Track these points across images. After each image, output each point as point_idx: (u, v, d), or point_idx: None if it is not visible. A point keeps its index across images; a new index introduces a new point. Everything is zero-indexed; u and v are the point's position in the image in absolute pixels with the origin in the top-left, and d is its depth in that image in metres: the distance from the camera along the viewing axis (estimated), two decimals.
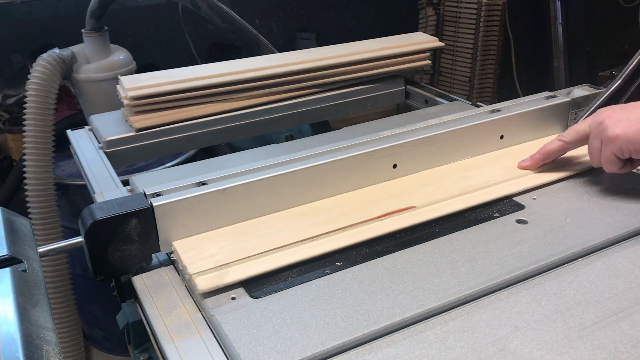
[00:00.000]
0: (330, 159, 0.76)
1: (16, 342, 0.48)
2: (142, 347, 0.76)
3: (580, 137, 0.78)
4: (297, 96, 1.13)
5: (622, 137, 0.70)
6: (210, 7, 1.45)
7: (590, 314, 0.57)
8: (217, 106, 1.06)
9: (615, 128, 0.71)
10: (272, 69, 1.08)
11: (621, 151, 0.72)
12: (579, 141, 0.79)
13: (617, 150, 0.72)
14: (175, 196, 0.67)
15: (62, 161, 1.63)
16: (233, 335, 0.55)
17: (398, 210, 0.73)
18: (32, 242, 0.64)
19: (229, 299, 0.60)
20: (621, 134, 0.71)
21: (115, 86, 1.07)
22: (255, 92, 1.08)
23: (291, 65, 1.10)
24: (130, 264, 0.66)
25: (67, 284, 1.55)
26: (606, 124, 0.73)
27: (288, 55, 1.16)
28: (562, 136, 0.80)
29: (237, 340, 0.54)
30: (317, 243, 0.68)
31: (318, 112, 1.16)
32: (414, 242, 0.69)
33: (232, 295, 0.61)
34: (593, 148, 0.76)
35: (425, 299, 0.58)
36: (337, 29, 2.58)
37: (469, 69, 2.38)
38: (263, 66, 1.09)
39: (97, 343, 1.89)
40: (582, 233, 0.68)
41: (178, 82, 1.02)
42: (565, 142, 0.80)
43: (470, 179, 0.81)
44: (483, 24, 2.30)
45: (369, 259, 0.66)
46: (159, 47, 2.19)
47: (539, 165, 0.82)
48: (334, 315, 0.57)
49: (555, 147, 0.81)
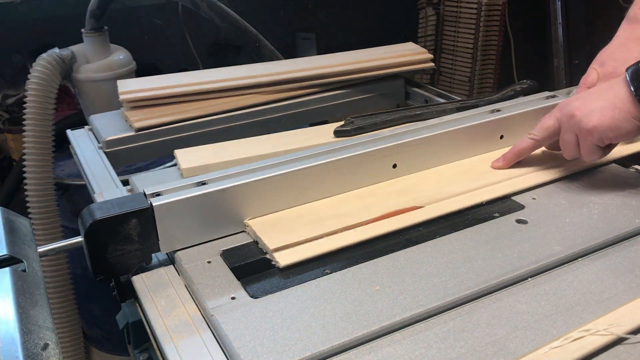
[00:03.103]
0: (330, 158, 0.76)
1: (16, 342, 0.48)
2: (142, 347, 0.76)
3: (551, 134, 0.78)
4: (297, 96, 1.13)
5: (600, 127, 0.71)
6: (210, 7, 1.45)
7: (590, 314, 0.56)
8: (216, 106, 1.06)
9: (590, 120, 0.71)
10: (268, 77, 1.09)
11: (601, 140, 0.72)
12: (549, 137, 0.79)
13: (597, 140, 0.72)
14: (175, 196, 0.67)
15: (62, 161, 1.63)
16: (233, 335, 0.55)
17: (399, 211, 0.73)
18: (32, 242, 0.64)
19: (228, 298, 0.60)
20: (597, 124, 0.71)
21: (115, 86, 1.07)
22: (253, 92, 1.08)
23: (287, 74, 1.11)
24: (130, 264, 0.66)
25: (67, 283, 1.55)
26: (578, 116, 0.73)
27: (285, 64, 1.17)
28: (532, 134, 0.81)
29: (237, 340, 0.54)
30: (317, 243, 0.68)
31: (317, 112, 1.16)
32: (414, 242, 0.69)
33: (232, 295, 0.61)
34: (567, 142, 0.76)
35: (425, 299, 0.58)
36: (337, 29, 2.58)
37: (469, 68, 2.38)
38: (260, 74, 1.10)
39: (97, 343, 1.89)
40: (582, 233, 0.68)
41: (171, 87, 1.02)
42: (536, 139, 0.80)
43: (471, 178, 0.81)
44: (483, 24, 2.30)
45: (369, 259, 0.66)
46: (159, 47, 2.19)
47: (511, 164, 0.83)
48: (334, 315, 0.57)
49: (527, 145, 0.82)
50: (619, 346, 0.53)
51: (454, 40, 2.40)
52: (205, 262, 0.67)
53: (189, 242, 0.70)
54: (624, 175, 0.82)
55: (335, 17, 2.57)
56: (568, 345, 0.52)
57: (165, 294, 0.64)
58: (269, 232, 0.70)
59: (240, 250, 0.70)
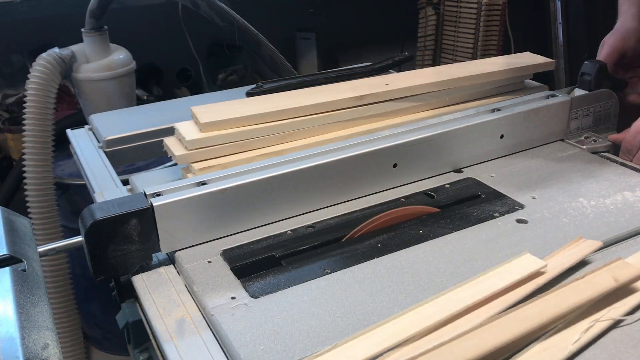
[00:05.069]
0: (330, 158, 0.76)
1: (16, 342, 0.48)
2: (141, 347, 0.77)
3: None
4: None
5: None
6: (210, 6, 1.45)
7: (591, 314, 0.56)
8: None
9: None
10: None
11: None
12: None
13: None
14: (175, 196, 0.67)
15: (62, 161, 1.63)
16: (233, 335, 0.55)
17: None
18: (32, 242, 0.64)
19: (229, 298, 0.60)
20: None
21: (115, 86, 1.06)
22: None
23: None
24: (130, 264, 0.66)
25: (67, 283, 1.55)
26: None
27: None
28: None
29: (237, 340, 0.54)
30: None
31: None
32: (414, 242, 0.69)
33: (232, 295, 0.61)
34: None
35: (425, 299, 0.58)
36: (337, 29, 2.58)
37: None
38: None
39: (96, 343, 1.89)
40: (582, 233, 0.68)
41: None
42: None
43: None
44: (483, 24, 2.30)
45: (369, 259, 0.66)
46: (159, 47, 2.19)
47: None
48: (334, 315, 0.57)
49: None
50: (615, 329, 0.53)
51: (454, 40, 2.40)
52: (205, 262, 0.67)
53: (189, 242, 0.70)
54: (624, 176, 0.82)
55: (335, 17, 2.58)
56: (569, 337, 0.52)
57: (165, 294, 0.64)
58: None
59: (240, 250, 0.70)
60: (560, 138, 0.94)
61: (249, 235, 0.72)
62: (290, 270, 0.65)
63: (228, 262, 0.67)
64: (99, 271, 0.65)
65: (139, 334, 0.73)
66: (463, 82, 0.96)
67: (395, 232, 0.71)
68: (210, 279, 0.64)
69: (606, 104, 0.96)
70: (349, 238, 0.71)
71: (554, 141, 0.93)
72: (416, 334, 0.51)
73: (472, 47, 2.35)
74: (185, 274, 0.65)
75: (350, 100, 0.88)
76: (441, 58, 2.46)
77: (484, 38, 2.33)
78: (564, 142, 0.93)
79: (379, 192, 0.81)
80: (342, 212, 0.77)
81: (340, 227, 0.74)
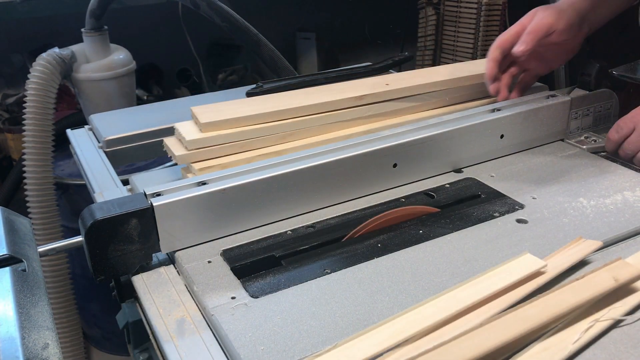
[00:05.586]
0: (330, 158, 0.76)
1: (16, 342, 0.48)
2: (141, 347, 0.77)
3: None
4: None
5: None
6: (210, 6, 1.45)
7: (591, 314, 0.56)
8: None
9: None
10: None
11: None
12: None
13: None
14: (175, 196, 0.67)
15: (62, 161, 1.63)
16: (233, 335, 0.55)
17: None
18: (32, 242, 0.64)
19: (229, 298, 0.60)
20: None
21: (115, 86, 1.06)
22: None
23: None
24: (130, 264, 0.66)
25: (67, 283, 1.55)
26: None
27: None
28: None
29: (237, 340, 0.54)
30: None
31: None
32: (414, 242, 0.69)
33: (232, 295, 0.61)
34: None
35: (425, 299, 0.58)
36: (337, 29, 2.58)
37: None
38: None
39: (96, 343, 1.89)
40: (582, 233, 0.68)
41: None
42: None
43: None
44: (483, 24, 2.30)
45: (369, 259, 0.66)
46: (159, 47, 2.19)
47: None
48: (334, 315, 0.57)
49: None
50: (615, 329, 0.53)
51: (454, 40, 2.40)
52: (205, 262, 0.67)
53: (189, 242, 0.70)
54: (624, 176, 0.82)
55: (335, 17, 2.57)
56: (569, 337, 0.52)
57: (165, 294, 0.64)
58: None
59: (240, 250, 0.70)
60: (560, 138, 0.94)
61: (249, 235, 0.72)
62: (290, 270, 0.65)
63: (228, 262, 0.67)
64: (99, 271, 0.65)
65: (139, 334, 0.74)
66: (463, 82, 0.97)
67: (395, 232, 0.71)
68: (210, 279, 0.64)
69: (606, 104, 0.97)
70: (349, 238, 0.72)
71: (554, 141, 0.93)
72: (416, 334, 0.51)
73: (472, 47, 2.35)
74: (185, 274, 0.65)
75: (351, 100, 0.88)
76: (441, 58, 2.46)
77: (484, 38, 2.32)
78: (564, 142, 0.93)
79: (379, 192, 0.81)
80: (342, 212, 0.77)
81: (340, 227, 0.74)
